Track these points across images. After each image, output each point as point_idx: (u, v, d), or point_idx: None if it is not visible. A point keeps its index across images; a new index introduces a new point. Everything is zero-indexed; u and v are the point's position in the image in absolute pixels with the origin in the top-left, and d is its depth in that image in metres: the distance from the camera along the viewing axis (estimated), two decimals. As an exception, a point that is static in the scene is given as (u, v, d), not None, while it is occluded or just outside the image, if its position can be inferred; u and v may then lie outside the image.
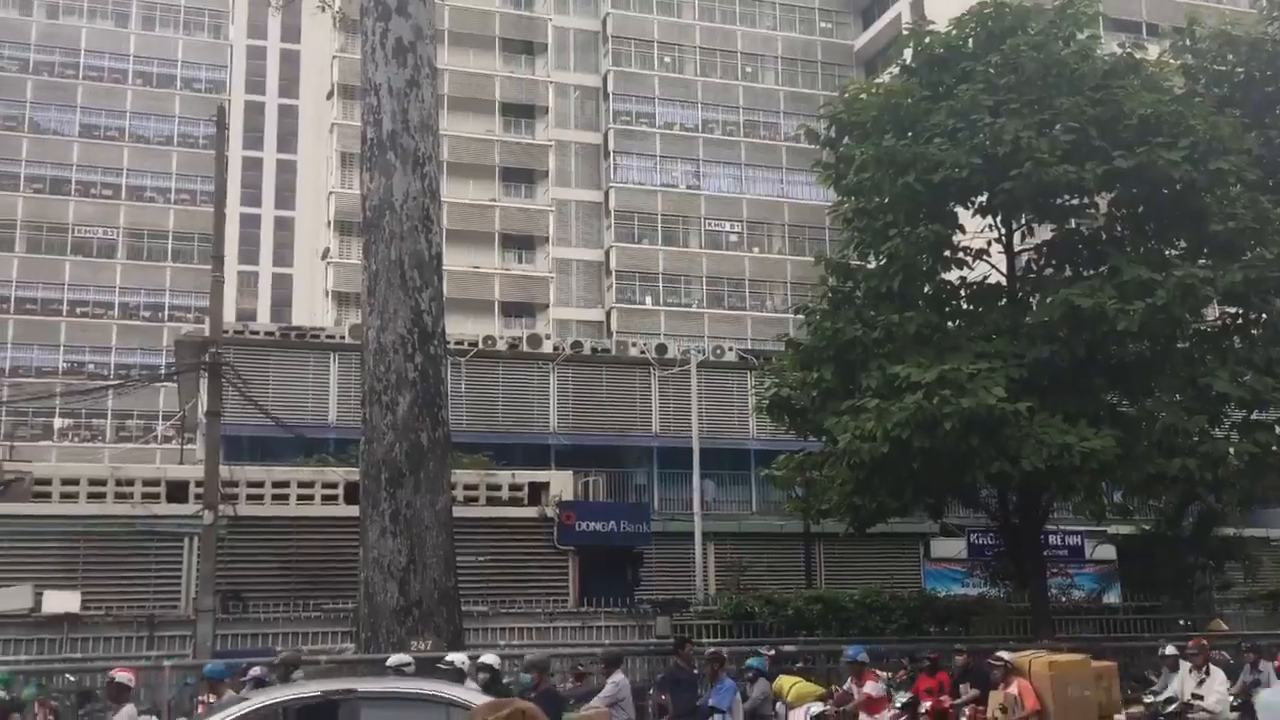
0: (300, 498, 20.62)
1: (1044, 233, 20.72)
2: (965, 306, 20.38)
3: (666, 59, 57.53)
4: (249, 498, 20.08)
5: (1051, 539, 24.68)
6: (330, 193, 51.58)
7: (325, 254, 52.28)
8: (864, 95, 20.17)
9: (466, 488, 21.12)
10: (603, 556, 21.51)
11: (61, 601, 16.69)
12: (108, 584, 17.80)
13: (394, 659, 12.95)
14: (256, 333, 28.63)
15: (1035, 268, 20.43)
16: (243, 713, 7.94)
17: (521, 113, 55.31)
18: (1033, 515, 20.02)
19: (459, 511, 16.84)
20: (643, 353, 30.30)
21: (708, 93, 57.25)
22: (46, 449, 49.47)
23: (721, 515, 28.42)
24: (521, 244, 54.66)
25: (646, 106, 56.71)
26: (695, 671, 14.91)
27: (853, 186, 19.61)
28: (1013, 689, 12.57)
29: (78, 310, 58.38)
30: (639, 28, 57.11)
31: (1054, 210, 19.55)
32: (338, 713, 8.01)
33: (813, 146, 21.96)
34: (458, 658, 12.71)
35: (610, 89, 56.01)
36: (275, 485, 20.56)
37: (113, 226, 59.69)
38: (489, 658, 12.82)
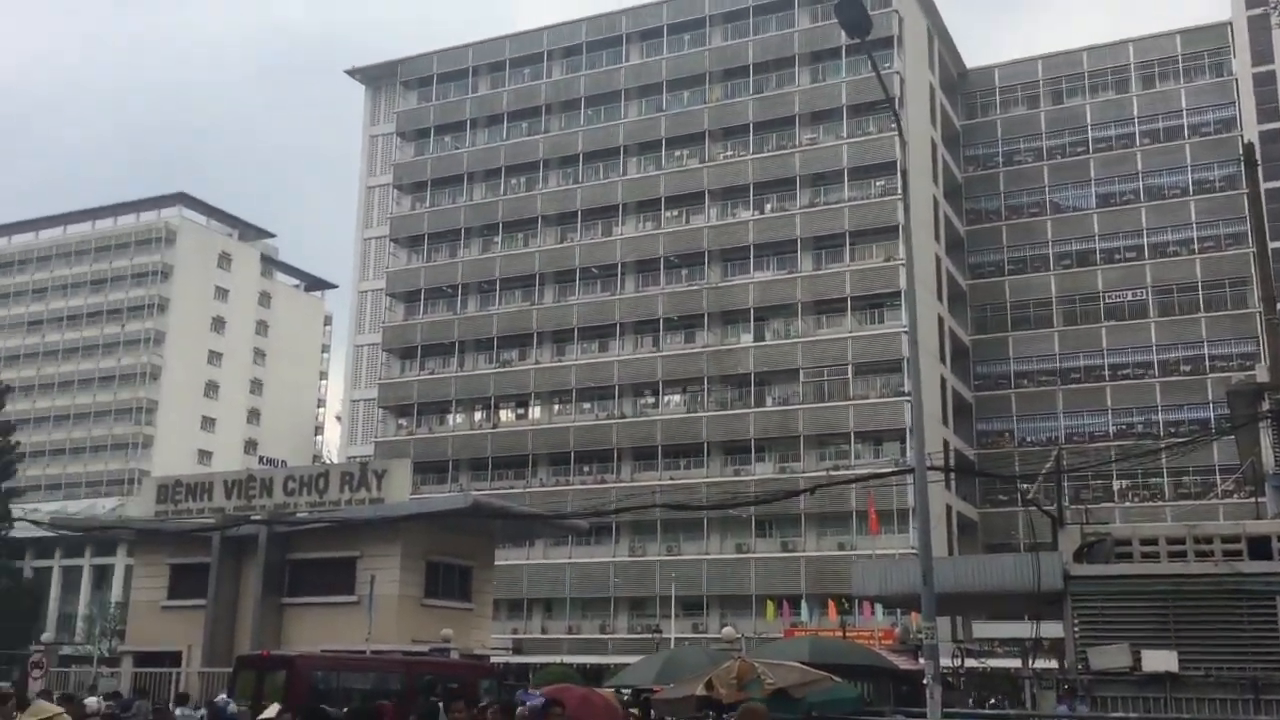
0: None
1: None
2: None
3: None
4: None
5: None
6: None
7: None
8: None
9: None
10: None
11: (1159, 660, 16.93)
12: (1201, 643, 17.50)
13: None
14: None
15: None
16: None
17: None
18: None
19: None
20: None
21: None
22: (1110, 510, 51.19)
23: None
24: None
25: None
26: None
27: None
28: None
29: (1118, 373, 60.19)
30: None
31: None
32: None
33: None
34: None
35: None
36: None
37: (1140, 287, 60.80)
38: None
